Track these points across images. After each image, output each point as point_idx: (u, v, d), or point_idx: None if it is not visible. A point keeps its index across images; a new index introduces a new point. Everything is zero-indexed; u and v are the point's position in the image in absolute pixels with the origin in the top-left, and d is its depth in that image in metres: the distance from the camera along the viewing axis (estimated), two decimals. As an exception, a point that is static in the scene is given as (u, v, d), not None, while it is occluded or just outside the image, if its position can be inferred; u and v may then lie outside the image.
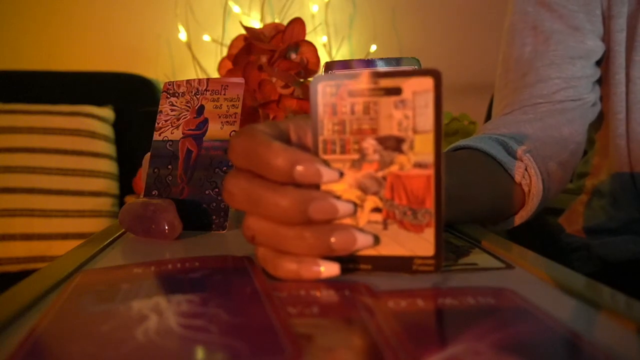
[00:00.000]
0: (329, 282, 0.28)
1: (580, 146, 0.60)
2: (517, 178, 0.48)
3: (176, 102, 0.49)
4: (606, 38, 0.61)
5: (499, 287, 0.27)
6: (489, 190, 0.46)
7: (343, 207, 0.27)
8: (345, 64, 0.56)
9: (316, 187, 0.28)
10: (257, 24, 1.37)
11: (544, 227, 0.73)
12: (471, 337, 0.21)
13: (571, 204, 0.72)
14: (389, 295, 0.26)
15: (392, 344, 0.20)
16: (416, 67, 0.55)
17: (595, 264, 0.65)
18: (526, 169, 0.48)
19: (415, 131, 0.27)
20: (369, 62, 0.56)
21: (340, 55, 1.43)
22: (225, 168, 0.45)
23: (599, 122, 0.65)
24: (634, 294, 0.26)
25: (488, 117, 1.37)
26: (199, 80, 0.49)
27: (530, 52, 0.61)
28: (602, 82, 0.63)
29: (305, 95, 0.71)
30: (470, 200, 0.43)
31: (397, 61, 0.55)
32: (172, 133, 0.48)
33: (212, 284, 0.28)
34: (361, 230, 0.28)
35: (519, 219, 0.51)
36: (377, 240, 0.28)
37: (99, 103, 1.20)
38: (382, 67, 0.55)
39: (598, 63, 0.62)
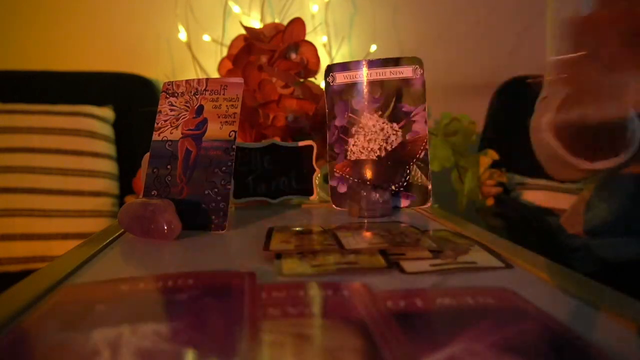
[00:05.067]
0: (328, 283, 0.28)
1: None
2: None
3: (175, 102, 0.49)
4: None
5: (498, 287, 0.27)
6: None
7: None
8: (345, 66, 0.56)
9: None
10: (257, 24, 1.37)
11: (544, 227, 0.73)
12: (470, 337, 0.21)
13: (572, 204, 0.71)
14: (387, 295, 0.26)
15: (391, 344, 0.20)
16: (417, 66, 0.55)
17: (595, 264, 0.65)
18: None
19: None
20: (369, 63, 0.56)
21: (340, 55, 1.43)
22: (224, 168, 0.45)
23: None
24: (634, 294, 0.26)
25: (488, 117, 1.37)
26: (198, 80, 0.49)
27: None
28: None
29: (305, 95, 0.71)
30: None
31: (397, 61, 0.55)
32: (171, 133, 0.48)
33: (194, 309, 0.25)
34: None
35: None
36: None
37: (99, 103, 1.20)
38: (382, 67, 0.55)
39: None
